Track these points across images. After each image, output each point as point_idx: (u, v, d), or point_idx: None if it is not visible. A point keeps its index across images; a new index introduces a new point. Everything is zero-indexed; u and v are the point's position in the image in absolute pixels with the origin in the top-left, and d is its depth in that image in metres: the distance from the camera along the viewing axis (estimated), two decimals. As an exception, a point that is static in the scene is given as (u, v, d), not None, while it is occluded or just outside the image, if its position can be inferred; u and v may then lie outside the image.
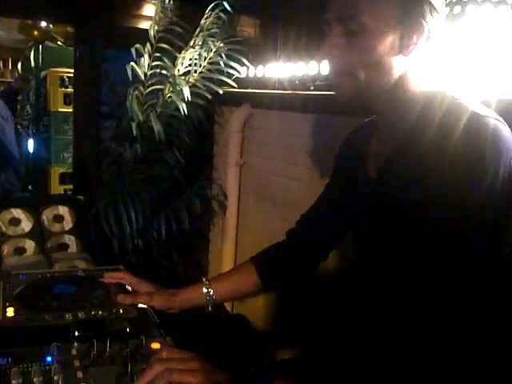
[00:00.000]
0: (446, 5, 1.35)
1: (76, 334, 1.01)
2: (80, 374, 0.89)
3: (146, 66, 2.33)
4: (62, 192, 3.99)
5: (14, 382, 0.84)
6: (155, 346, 1.02)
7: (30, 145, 4.67)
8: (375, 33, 0.89)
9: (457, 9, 1.38)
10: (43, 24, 4.57)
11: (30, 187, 4.60)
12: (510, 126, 0.87)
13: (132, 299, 1.23)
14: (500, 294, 0.83)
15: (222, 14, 2.32)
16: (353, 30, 0.90)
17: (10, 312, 1.10)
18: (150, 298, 1.23)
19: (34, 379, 0.85)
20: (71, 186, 3.28)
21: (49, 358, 0.92)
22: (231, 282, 1.30)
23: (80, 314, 1.12)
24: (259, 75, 2.42)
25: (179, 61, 2.37)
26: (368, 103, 0.98)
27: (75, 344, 0.98)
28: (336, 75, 0.95)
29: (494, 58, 1.26)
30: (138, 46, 2.31)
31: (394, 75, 0.93)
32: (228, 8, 2.30)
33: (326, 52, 0.94)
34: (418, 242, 0.91)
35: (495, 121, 0.86)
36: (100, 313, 1.14)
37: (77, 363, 0.93)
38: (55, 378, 0.86)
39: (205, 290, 1.24)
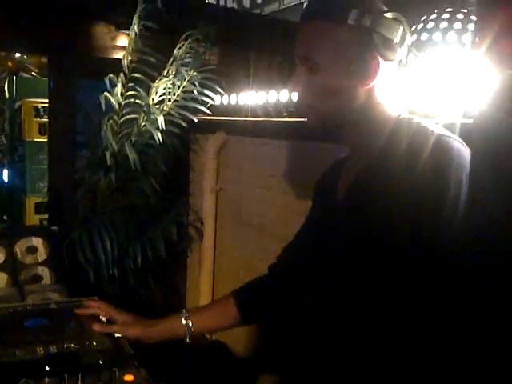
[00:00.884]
0: (413, 32, 1.41)
1: (47, 368, 1.00)
2: (50, 411, 0.88)
3: (120, 96, 2.35)
4: (38, 222, 3.93)
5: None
6: (128, 378, 1.01)
7: (5, 175, 4.62)
8: (330, 69, 0.95)
9: (424, 36, 1.43)
10: (17, 55, 4.56)
11: (5, 217, 4.54)
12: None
13: (107, 328, 1.22)
14: (473, 308, 0.85)
15: (194, 44, 2.36)
16: (311, 68, 0.97)
17: (-20, 348, 1.09)
18: (125, 328, 1.22)
19: (3, 417, 0.84)
20: (47, 216, 3.25)
21: (18, 395, 0.91)
22: (211, 315, 1.31)
23: (52, 348, 1.10)
24: (233, 103, 2.45)
25: (153, 90, 2.39)
26: (335, 131, 1.03)
27: (46, 379, 0.97)
28: (300, 108, 1.04)
29: (459, 83, 1.31)
30: (111, 75, 2.32)
31: (355, 105, 0.98)
32: (200, 38, 2.34)
33: (292, 88, 1.04)
34: (384, 262, 0.93)
35: (458, 143, 0.90)
36: (73, 346, 1.13)
37: (47, 399, 0.92)
38: (24, 415, 0.85)
39: (184, 322, 1.23)
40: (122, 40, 2.74)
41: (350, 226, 1.01)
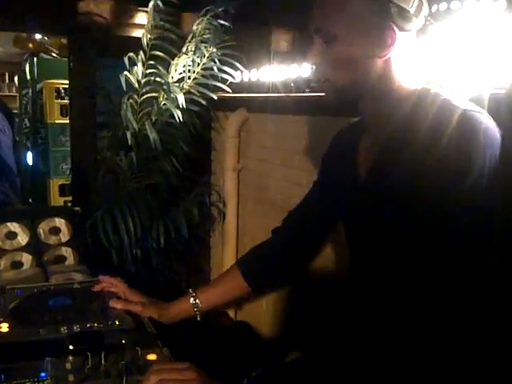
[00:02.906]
0: (433, 2, 1.35)
1: (71, 347, 1.00)
2: (74, 389, 0.88)
3: (140, 74, 2.32)
4: (62, 204, 3.98)
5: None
6: (151, 357, 1.01)
7: (29, 157, 4.67)
8: (346, 40, 0.94)
9: (443, 6, 1.39)
10: (38, 36, 4.57)
11: (30, 200, 4.60)
12: (502, 120, 0.86)
13: (125, 305, 1.24)
14: (489, 291, 0.82)
15: (213, 20, 2.31)
16: (327, 40, 0.96)
17: (5, 327, 1.09)
18: (142, 308, 1.24)
19: (27, 396, 0.84)
20: (71, 198, 3.28)
21: (42, 374, 0.90)
22: (218, 291, 1.33)
23: (75, 327, 1.10)
24: (253, 79, 2.41)
25: (172, 68, 2.36)
26: (353, 103, 1.03)
27: (70, 358, 0.97)
28: (318, 81, 1.03)
29: (481, 53, 1.26)
30: (131, 54, 2.30)
31: (372, 77, 0.96)
32: (219, 13, 2.29)
33: (309, 60, 1.02)
34: (405, 240, 0.92)
35: (486, 119, 0.88)
36: (96, 325, 1.13)
37: (71, 377, 0.91)
38: (48, 393, 0.84)
39: (192, 301, 1.27)
40: (141, 17, 2.71)
41: (372, 202, 1.00)
